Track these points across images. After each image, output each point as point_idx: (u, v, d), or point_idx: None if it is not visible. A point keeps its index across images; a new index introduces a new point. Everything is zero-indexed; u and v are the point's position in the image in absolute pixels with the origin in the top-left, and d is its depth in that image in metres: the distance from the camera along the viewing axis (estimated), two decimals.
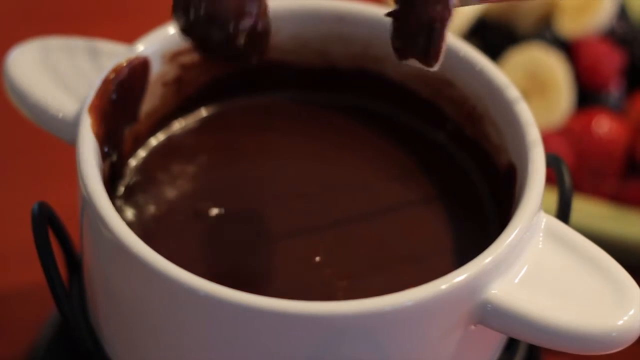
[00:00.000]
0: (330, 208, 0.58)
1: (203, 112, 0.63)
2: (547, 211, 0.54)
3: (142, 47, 0.58)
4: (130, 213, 0.57)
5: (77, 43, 0.61)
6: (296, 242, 0.56)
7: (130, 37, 0.61)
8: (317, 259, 0.55)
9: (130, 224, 0.53)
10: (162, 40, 0.59)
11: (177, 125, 0.62)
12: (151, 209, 0.58)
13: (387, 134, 0.62)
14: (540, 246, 0.53)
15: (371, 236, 0.57)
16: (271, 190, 0.59)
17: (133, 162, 0.60)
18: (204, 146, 0.61)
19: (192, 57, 0.61)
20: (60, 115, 0.57)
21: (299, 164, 0.61)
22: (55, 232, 0.58)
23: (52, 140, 0.60)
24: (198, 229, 0.56)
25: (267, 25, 0.52)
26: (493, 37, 0.85)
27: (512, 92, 0.58)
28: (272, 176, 0.60)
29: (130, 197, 0.58)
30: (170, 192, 0.59)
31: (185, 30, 0.51)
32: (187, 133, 0.62)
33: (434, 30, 0.50)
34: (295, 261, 0.55)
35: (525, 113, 0.57)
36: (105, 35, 0.65)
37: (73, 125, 0.56)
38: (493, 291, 0.51)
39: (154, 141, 0.61)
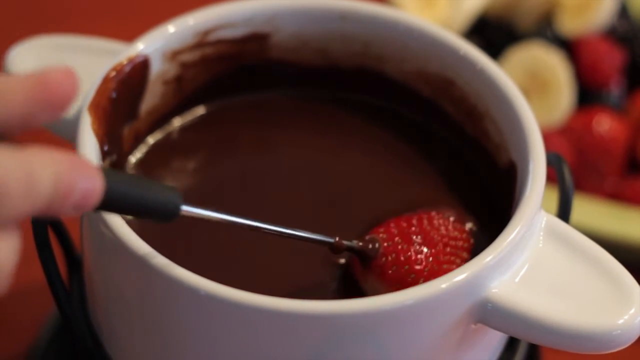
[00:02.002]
0: (331, 206, 0.58)
1: (203, 110, 0.62)
2: (547, 210, 0.54)
3: (143, 46, 0.58)
4: None
5: (77, 41, 0.60)
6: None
7: (130, 36, 0.61)
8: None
9: (130, 223, 0.53)
10: (162, 39, 0.59)
11: (177, 123, 0.62)
12: None
13: (387, 133, 0.62)
14: (540, 245, 0.53)
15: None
16: (271, 186, 0.59)
17: (133, 160, 0.60)
18: (204, 144, 0.61)
19: (192, 56, 0.60)
20: None
21: (298, 161, 0.61)
22: (55, 231, 0.58)
23: (52, 139, 0.60)
24: (198, 226, 0.56)
25: None
26: (493, 35, 0.85)
27: (513, 90, 0.58)
28: (272, 173, 0.60)
29: None
30: None
31: None
32: (187, 131, 0.62)
33: None
34: (297, 258, 0.55)
35: (526, 111, 0.57)
36: (106, 33, 0.65)
37: (73, 124, 0.55)
38: (493, 290, 0.51)
39: (153, 139, 0.61)
